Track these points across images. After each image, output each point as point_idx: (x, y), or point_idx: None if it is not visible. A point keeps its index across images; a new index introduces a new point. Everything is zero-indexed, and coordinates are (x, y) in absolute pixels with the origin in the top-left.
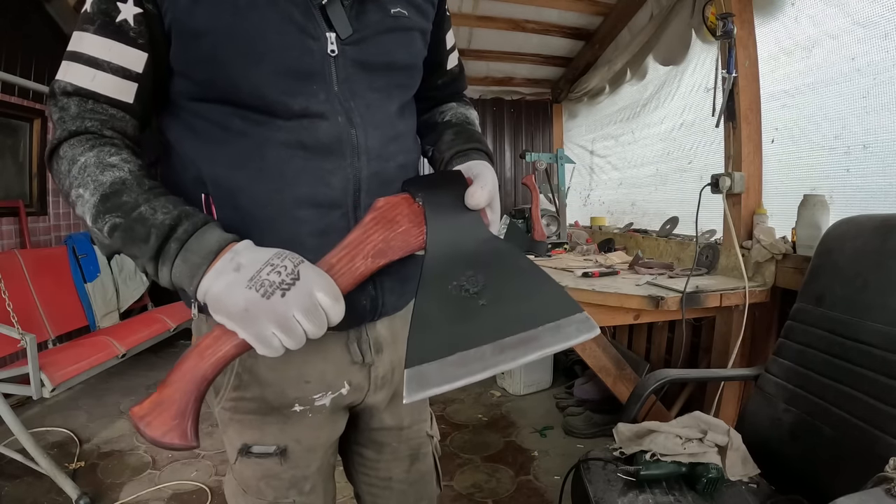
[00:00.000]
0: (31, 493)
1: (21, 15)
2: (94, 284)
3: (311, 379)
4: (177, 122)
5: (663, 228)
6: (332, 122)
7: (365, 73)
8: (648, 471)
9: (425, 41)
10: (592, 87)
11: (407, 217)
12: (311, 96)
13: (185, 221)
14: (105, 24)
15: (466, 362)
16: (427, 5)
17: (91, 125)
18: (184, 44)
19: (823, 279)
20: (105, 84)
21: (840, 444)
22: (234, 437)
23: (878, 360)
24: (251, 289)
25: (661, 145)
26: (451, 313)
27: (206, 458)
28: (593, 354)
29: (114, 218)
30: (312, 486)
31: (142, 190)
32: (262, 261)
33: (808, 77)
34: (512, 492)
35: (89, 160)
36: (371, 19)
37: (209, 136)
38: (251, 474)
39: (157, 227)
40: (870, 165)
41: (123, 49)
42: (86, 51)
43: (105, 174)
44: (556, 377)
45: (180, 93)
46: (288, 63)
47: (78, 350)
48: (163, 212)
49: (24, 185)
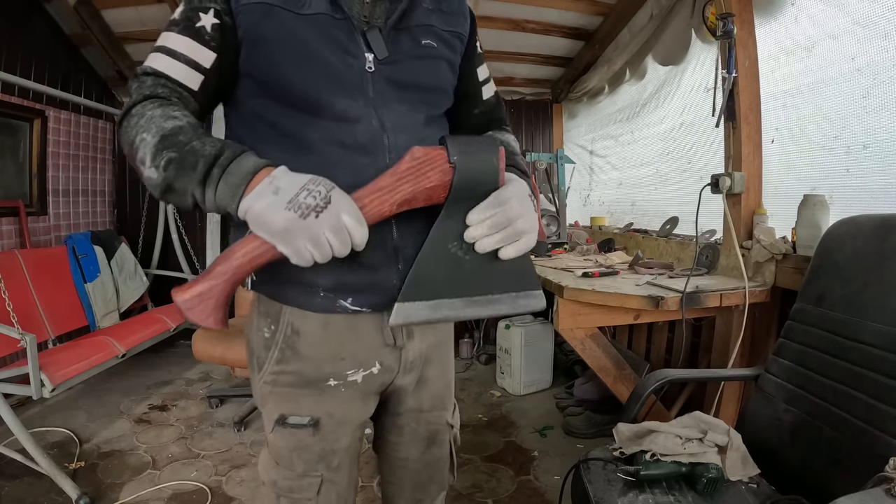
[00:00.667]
0: (31, 493)
1: (21, 15)
2: (94, 284)
3: (346, 356)
4: (241, 120)
5: (663, 228)
6: (367, 125)
7: (395, 88)
8: (648, 471)
9: (453, 71)
10: (592, 87)
11: (438, 174)
12: (352, 101)
13: (227, 150)
14: (187, 27)
15: (440, 308)
16: (455, 41)
17: (162, 92)
18: (251, 48)
19: (823, 279)
20: (177, 70)
21: (840, 444)
22: (272, 409)
23: (878, 360)
24: (290, 210)
25: (661, 145)
26: (443, 268)
27: (206, 458)
28: (593, 354)
29: (169, 153)
30: (340, 463)
31: (195, 133)
32: (299, 185)
33: (808, 77)
34: (512, 492)
35: (156, 113)
36: (404, 46)
37: (264, 133)
38: (284, 445)
39: (203, 156)
40: (870, 165)
41: (197, 47)
42: (167, 44)
43: (167, 122)
44: (556, 377)
45: (244, 92)
46: (331, 73)
47: (78, 350)
48: (210, 145)
49: (24, 185)
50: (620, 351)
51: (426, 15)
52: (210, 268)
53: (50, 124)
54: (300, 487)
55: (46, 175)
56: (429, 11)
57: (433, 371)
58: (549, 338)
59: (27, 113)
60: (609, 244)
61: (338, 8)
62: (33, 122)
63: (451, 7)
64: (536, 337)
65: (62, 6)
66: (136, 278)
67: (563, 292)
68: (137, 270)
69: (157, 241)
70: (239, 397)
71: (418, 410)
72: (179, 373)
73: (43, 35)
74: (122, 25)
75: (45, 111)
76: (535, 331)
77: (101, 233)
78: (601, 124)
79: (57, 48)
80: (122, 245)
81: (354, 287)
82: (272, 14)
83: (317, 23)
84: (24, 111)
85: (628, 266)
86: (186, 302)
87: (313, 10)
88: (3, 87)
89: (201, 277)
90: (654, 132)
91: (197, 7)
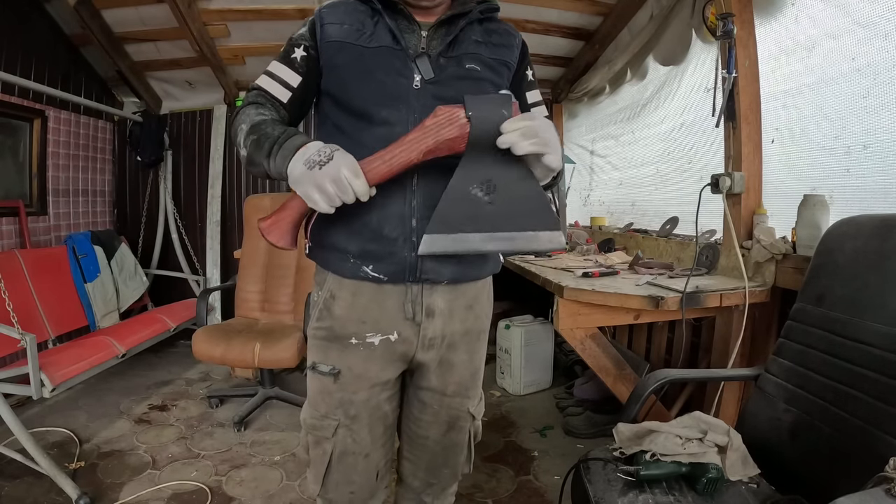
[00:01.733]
0: (31, 493)
1: (21, 15)
2: (94, 284)
3: (368, 321)
4: (323, 129)
5: (663, 228)
6: (403, 128)
7: (438, 101)
8: (648, 471)
9: (499, 89)
10: (592, 87)
11: (458, 127)
12: (394, 111)
13: (286, 133)
14: (284, 57)
15: (462, 241)
16: (502, 68)
17: (259, 100)
18: (328, 73)
19: (823, 279)
20: (273, 87)
21: (840, 445)
22: (310, 357)
23: (878, 360)
24: (305, 165)
25: (662, 145)
26: (465, 207)
27: (206, 458)
28: (593, 354)
29: (253, 135)
30: (357, 414)
31: (274, 125)
32: (315, 150)
33: (808, 77)
34: (512, 492)
35: (251, 112)
36: (449, 70)
37: (332, 131)
38: (314, 387)
39: (271, 137)
40: (870, 165)
41: (288, 71)
42: (270, 69)
43: (257, 116)
44: (556, 377)
45: (324, 104)
46: (383, 89)
47: (78, 350)
48: (279, 131)
49: (24, 185)
50: (620, 351)
51: (474, 46)
52: (281, 206)
53: (50, 124)
54: (321, 426)
55: (46, 175)
56: (477, 43)
57: (459, 357)
58: (549, 338)
59: (27, 113)
60: (609, 244)
61: (397, 41)
62: (33, 122)
63: (499, 40)
64: (536, 337)
65: (62, 6)
66: (136, 278)
67: (563, 292)
68: (137, 270)
69: (157, 241)
70: (239, 397)
71: (441, 393)
72: (179, 373)
73: (43, 35)
74: (122, 25)
75: (45, 111)
76: (535, 331)
77: (101, 233)
78: (602, 124)
79: (57, 48)
80: (122, 245)
81: (375, 255)
82: (345, 49)
83: (380, 53)
84: (24, 111)
85: (628, 266)
86: (267, 227)
87: (378, 43)
88: (3, 87)
89: (277, 210)
90: (654, 132)
91: (293, 43)
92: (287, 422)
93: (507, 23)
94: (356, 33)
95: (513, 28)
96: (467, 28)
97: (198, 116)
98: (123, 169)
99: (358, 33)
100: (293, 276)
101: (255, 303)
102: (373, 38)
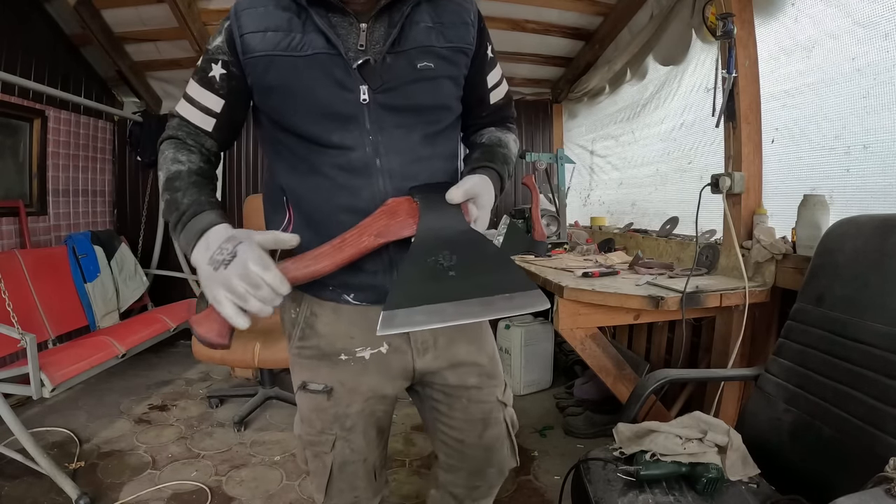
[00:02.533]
0: (31, 493)
1: (21, 15)
2: (94, 284)
3: (356, 336)
4: (268, 146)
5: (663, 228)
6: (361, 152)
7: (392, 113)
8: (648, 471)
9: (457, 84)
10: (592, 87)
11: (406, 211)
12: (346, 133)
13: (190, 209)
14: (202, 78)
15: (430, 313)
16: (458, 55)
17: (180, 134)
18: (260, 95)
19: (823, 279)
20: (194, 115)
21: (840, 444)
22: (296, 376)
23: (878, 360)
24: (209, 264)
25: (662, 145)
26: (426, 278)
27: (206, 458)
28: (593, 354)
29: (166, 193)
30: (353, 425)
31: (188, 181)
32: (217, 245)
33: (808, 77)
34: (512, 492)
35: (169, 155)
36: (400, 72)
37: (285, 158)
38: (306, 406)
39: (179, 209)
40: (870, 165)
41: (208, 95)
42: (189, 92)
43: (173, 166)
44: (556, 377)
45: (266, 123)
46: (329, 110)
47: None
48: (188, 198)
49: (24, 185)
50: (620, 351)
51: (425, 34)
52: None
53: (50, 124)
54: (319, 442)
55: (46, 175)
56: (428, 29)
57: (463, 349)
58: (549, 338)
59: (27, 113)
60: (609, 244)
61: (331, 44)
62: (33, 122)
63: (452, 19)
64: (536, 337)
65: (62, 6)
66: (136, 278)
67: (563, 292)
68: (137, 270)
69: (157, 241)
70: (239, 397)
71: (464, 387)
72: (179, 373)
73: (43, 35)
74: (122, 25)
75: (45, 111)
76: (535, 331)
77: (101, 233)
78: (602, 124)
79: (57, 48)
80: (122, 245)
81: (356, 287)
82: (274, 64)
83: (316, 63)
84: (24, 111)
85: (628, 266)
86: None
87: (311, 49)
88: (3, 87)
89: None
90: (654, 132)
91: (209, 58)
92: (287, 422)
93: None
94: (284, 39)
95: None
96: (413, 11)
97: None
98: (123, 169)
99: (286, 38)
100: None
101: None
102: (304, 41)
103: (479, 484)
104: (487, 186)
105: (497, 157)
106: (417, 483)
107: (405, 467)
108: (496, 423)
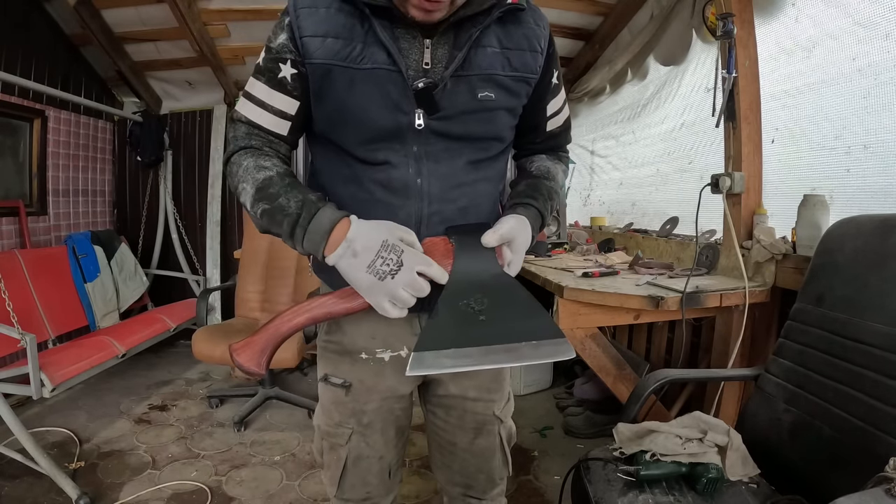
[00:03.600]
0: (31, 493)
1: (21, 15)
2: (94, 284)
3: (377, 337)
4: (315, 146)
5: (663, 228)
6: (403, 171)
7: (443, 139)
8: (648, 471)
9: (514, 115)
10: (593, 87)
11: (441, 252)
12: (391, 151)
13: (305, 210)
14: (271, 79)
15: (457, 356)
16: (520, 85)
17: (255, 143)
18: (316, 103)
19: (823, 279)
20: (267, 120)
21: (840, 444)
22: (321, 368)
23: (878, 360)
24: (370, 274)
25: (662, 145)
26: (457, 321)
27: (206, 458)
28: (593, 354)
29: (263, 204)
30: (370, 422)
31: (283, 184)
32: (374, 252)
33: (808, 77)
34: (512, 492)
35: (250, 164)
36: (459, 101)
37: (329, 160)
38: (327, 398)
39: (288, 215)
40: (870, 165)
41: (282, 97)
42: (257, 94)
43: (260, 173)
44: (556, 377)
45: (318, 129)
46: (380, 131)
47: (78, 350)
48: (294, 201)
49: (24, 185)
50: (620, 351)
51: (490, 60)
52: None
53: (50, 124)
54: (335, 434)
55: (46, 175)
56: (494, 55)
57: None
58: None
59: (27, 113)
60: (609, 244)
61: (393, 60)
62: (33, 122)
63: (522, 44)
64: None
65: (62, 6)
66: (136, 278)
67: (563, 292)
68: (137, 270)
69: (157, 241)
70: (239, 397)
71: (463, 398)
72: (179, 373)
73: (43, 35)
74: (122, 25)
75: (45, 111)
76: None
77: (101, 233)
78: (602, 124)
79: (57, 48)
80: (122, 245)
81: None
82: (331, 74)
83: (373, 78)
84: (24, 111)
85: (628, 266)
86: (238, 348)
87: (371, 63)
88: (3, 87)
89: (253, 333)
90: (654, 132)
91: (276, 57)
92: (287, 422)
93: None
94: (344, 48)
95: (539, 15)
96: (482, 34)
97: (198, 116)
98: (123, 169)
99: (346, 48)
100: (293, 276)
101: (256, 303)
102: (365, 53)
103: (472, 484)
104: (524, 229)
105: (541, 193)
106: (417, 483)
107: (405, 467)
108: (489, 434)
